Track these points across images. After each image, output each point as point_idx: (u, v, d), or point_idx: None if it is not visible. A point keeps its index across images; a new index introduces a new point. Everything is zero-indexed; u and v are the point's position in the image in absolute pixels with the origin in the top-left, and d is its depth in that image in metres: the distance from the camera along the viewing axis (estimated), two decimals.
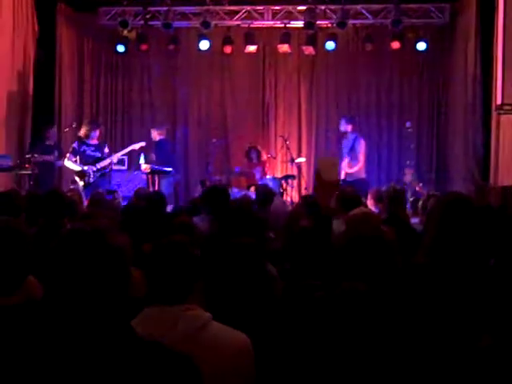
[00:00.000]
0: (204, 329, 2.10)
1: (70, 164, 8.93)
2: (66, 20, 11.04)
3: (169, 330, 2.03)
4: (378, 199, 5.86)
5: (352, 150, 9.46)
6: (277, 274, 3.50)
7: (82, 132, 9.03)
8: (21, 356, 1.49)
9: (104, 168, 8.92)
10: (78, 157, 8.90)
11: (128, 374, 1.47)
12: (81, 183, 8.78)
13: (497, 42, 9.23)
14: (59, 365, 1.46)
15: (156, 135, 9.89)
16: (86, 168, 8.80)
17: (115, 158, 9.07)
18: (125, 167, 10.24)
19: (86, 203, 6.24)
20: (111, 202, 5.98)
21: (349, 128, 9.62)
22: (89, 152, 8.94)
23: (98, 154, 8.96)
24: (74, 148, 8.98)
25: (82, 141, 9.00)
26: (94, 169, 8.84)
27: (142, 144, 9.48)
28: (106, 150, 9.14)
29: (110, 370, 1.46)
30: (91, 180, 8.80)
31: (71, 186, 8.75)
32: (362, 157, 9.51)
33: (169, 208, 6.51)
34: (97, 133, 9.05)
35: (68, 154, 8.99)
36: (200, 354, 1.70)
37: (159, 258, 2.23)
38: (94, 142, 9.03)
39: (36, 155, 8.92)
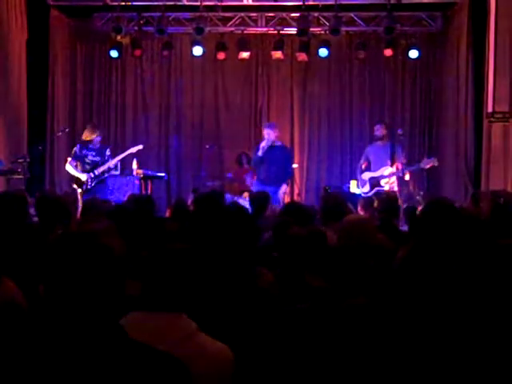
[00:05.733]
0: (190, 339, 2.10)
1: (70, 169, 8.75)
2: (59, 26, 11.06)
3: (156, 336, 2.01)
4: (366, 207, 5.87)
5: (392, 159, 8.92)
6: (273, 280, 3.47)
7: (85, 136, 8.81)
8: (13, 357, 1.50)
9: (102, 173, 8.72)
10: (78, 162, 8.74)
11: (121, 375, 1.48)
12: (79, 190, 8.64)
13: (488, 49, 9.30)
14: (52, 366, 1.47)
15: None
16: (84, 177, 8.63)
17: (112, 163, 8.85)
18: (118, 172, 10.19)
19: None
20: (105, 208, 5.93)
21: (385, 132, 9.24)
22: (90, 157, 8.75)
23: (98, 159, 8.76)
24: (75, 152, 8.79)
25: (83, 145, 8.79)
26: (92, 175, 8.67)
27: (140, 147, 9.29)
28: (108, 152, 8.90)
29: (103, 371, 1.47)
30: (89, 186, 8.62)
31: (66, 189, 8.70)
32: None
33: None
34: (99, 138, 8.86)
35: (69, 158, 8.82)
36: (185, 364, 1.70)
37: (158, 264, 2.21)
38: (96, 146, 8.82)
39: (28, 159, 8.91)
